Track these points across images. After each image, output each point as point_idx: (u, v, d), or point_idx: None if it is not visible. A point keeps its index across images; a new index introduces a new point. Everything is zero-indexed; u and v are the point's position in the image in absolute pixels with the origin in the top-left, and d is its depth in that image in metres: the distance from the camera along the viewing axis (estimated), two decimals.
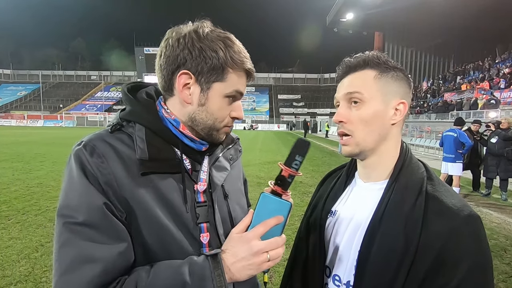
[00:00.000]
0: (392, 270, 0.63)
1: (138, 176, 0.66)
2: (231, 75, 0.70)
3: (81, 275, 0.59)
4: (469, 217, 0.63)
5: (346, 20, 27.57)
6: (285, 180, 0.72)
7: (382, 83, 0.71)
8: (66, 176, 0.66)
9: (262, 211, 0.68)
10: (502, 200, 6.05)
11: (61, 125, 47.19)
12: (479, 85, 20.50)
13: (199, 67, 0.68)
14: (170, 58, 0.69)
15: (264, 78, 70.43)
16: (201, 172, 0.75)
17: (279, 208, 0.68)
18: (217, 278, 0.61)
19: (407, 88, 0.74)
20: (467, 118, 12.12)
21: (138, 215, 0.65)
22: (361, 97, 0.71)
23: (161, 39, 0.72)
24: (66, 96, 62.39)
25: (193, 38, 0.68)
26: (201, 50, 0.67)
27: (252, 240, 0.64)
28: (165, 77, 0.71)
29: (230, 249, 0.65)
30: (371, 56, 0.73)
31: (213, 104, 0.71)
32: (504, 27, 24.57)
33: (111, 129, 0.71)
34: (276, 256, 0.65)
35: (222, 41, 0.69)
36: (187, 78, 0.69)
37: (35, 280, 2.82)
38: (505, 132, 6.05)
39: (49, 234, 3.87)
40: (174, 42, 0.69)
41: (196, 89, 0.70)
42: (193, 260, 0.64)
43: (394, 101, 0.72)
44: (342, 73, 0.76)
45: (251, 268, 0.63)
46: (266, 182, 0.71)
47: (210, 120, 0.72)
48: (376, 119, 0.71)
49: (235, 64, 0.70)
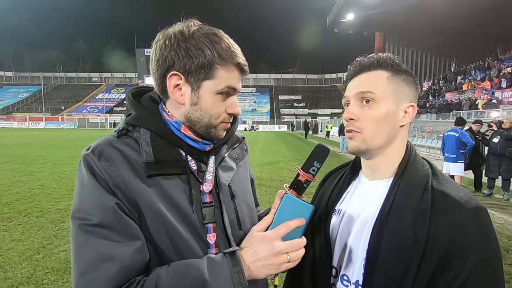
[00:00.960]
0: (402, 265, 0.63)
1: (145, 179, 0.68)
2: (220, 71, 0.70)
3: (100, 273, 0.60)
4: (476, 209, 0.64)
5: (346, 20, 27.59)
6: (302, 185, 0.73)
7: (394, 84, 0.72)
8: (78, 181, 0.68)
9: (284, 211, 0.68)
10: (504, 200, 6.02)
11: (63, 126, 47.40)
12: (480, 85, 20.46)
13: (187, 67, 0.68)
14: (159, 61, 0.70)
15: (264, 79, 70.52)
16: (207, 173, 0.75)
17: (301, 210, 0.68)
18: (236, 275, 0.61)
19: (416, 92, 0.75)
20: (468, 118, 12.10)
21: (147, 216, 0.66)
22: (374, 96, 0.71)
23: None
24: (67, 98, 62.66)
25: (178, 39, 0.68)
26: (187, 50, 0.68)
27: (274, 240, 0.64)
28: (158, 81, 0.73)
29: (250, 247, 0.65)
30: (385, 57, 0.74)
31: (206, 102, 0.71)
32: (505, 26, 24.50)
33: (118, 134, 0.72)
34: (296, 258, 0.65)
35: (208, 38, 0.69)
36: (177, 79, 0.70)
37: (37, 282, 2.82)
38: (507, 132, 6.03)
39: (50, 236, 3.87)
40: (161, 45, 0.70)
41: (187, 89, 0.71)
42: (211, 258, 0.65)
43: (404, 103, 0.73)
44: (354, 72, 0.76)
45: (270, 268, 0.64)
46: (267, 183, 0.71)
47: (205, 118, 0.72)
48: (387, 119, 0.71)
49: (223, 60, 0.69)
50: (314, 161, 0.73)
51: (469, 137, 6.00)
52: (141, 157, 0.68)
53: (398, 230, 0.65)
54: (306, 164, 0.73)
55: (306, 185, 0.73)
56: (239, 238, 0.76)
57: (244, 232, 0.78)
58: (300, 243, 0.66)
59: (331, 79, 67.85)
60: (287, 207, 0.68)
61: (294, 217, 0.67)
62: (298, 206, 0.68)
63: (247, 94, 64.38)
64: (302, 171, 0.73)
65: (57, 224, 4.27)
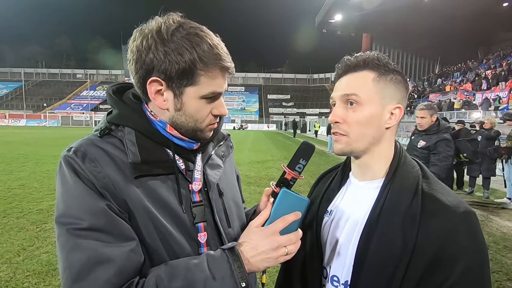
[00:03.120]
0: (390, 268, 0.63)
1: (133, 179, 0.65)
2: (203, 77, 0.66)
3: (96, 277, 0.57)
4: (465, 213, 0.64)
5: (334, 21, 27.95)
6: (288, 182, 0.74)
7: (380, 86, 0.70)
8: (60, 184, 0.64)
9: (281, 206, 0.69)
10: (484, 198, 6.24)
11: (45, 124, 45.88)
12: (462, 86, 21.16)
13: (168, 73, 0.64)
14: (138, 63, 0.66)
15: (254, 78, 70.52)
16: (195, 172, 0.74)
17: (298, 204, 0.69)
18: (237, 270, 0.62)
19: (404, 92, 0.73)
20: (451, 119, 12.48)
21: (137, 217, 0.65)
22: (358, 99, 0.70)
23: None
24: (50, 95, 60.66)
25: (155, 40, 0.63)
26: (166, 54, 0.63)
27: (273, 234, 0.66)
28: (138, 83, 0.69)
29: (250, 242, 0.66)
30: (371, 57, 0.72)
31: (190, 108, 0.68)
32: (485, 31, 25.43)
33: (100, 134, 0.69)
34: (293, 250, 0.67)
35: (188, 40, 0.64)
36: (158, 85, 0.66)
37: (17, 285, 2.72)
38: (488, 132, 6.25)
39: (32, 237, 3.74)
40: (138, 45, 0.65)
41: (169, 95, 0.67)
42: (210, 255, 0.64)
43: (390, 105, 0.71)
44: (341, 72, 0.74)
45: (269, 261, 0.65)
46: (256, 182, 0.71)
47: (190, 122, 0.70)
48: (372, 123, 0.70)
49: (205, 65, 0.65)
50: (300, 158, 0.74)
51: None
52: (127, 158, 0.66)
53: (387, 233, 0.65)
54: (292, 162, 0.74)
55: (293, 183, 0.75)
56: (229, 235, 0.76)
57: (233, 229, 0.78)
58: (297, 235, 0.68)
59: (319, 79, 68.48)
60: (284, 201, 0.69)
61: (291, 211, 0.68)
62: (294, 200, 0.70)
63: (236, 93, 64.17)
64: (288, 169, 0.74)
65: (38, 225, 4.13)
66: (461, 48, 28.97)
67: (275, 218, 0.68)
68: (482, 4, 21.44)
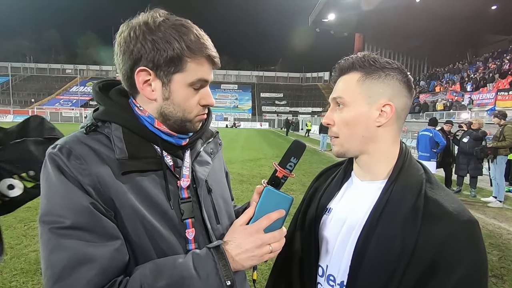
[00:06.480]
0: (388, 271, 0.62)
1: (120, 176, 0.65)
2: (190, 64, 0.67)
3: (78, 277, 0.57)
4: (468, 222, 0.62)
5: (328, 20, 28.05)
6: (279, 180, 0.75)
7: (365, 85, 0.71)
8: (44, 182, 0.63)
9: (265, 204, 0.70)
10: (471, 197, 6.38)
11: None
12: (451, 87, 21.58)
13: (155, 61, 0.65)
14: (125, 55, 0.66)
15: (247, 76, 70.26)
16: (183, 168, 0.74)
17: (281, 202, 0.70)
18: (222, 268, 0.62)
19: (399, 87, 0.71)
20: (440, 119, 12.72)
21: (123, 215, 0.64)
22: (343, 101, 0.72)
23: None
24: (38, 90, 59.21)
25: (143, 30, 0.65)
26: (154, 43, 0.64)
27: (257, 232, 0.67)
28: (125, 76, 0.69)
29: (234, 241, 0.67)
30: (357, 58, 0.73)
31: (178, 96, 0.69)
32: (474, 32, 25.94)
33: (86, 130, 0.68)
34: (277, 248, 0.68)
35: (175, 29, 0.66)
36: (146, 75, 0.67)
37: (4, 284, 2.67)
38: (476, 132, 6.39)
39: (19, 235, 3.67)
40: (126, 37, 0.66)
41: (158, 84, 0.68)
42: (196, 254, 0.64)
43: (379, 102, 0.70)
44: (335, 75, 0.77)
45: (254, 259, 0.66)
46: (248, 180, 0.71)
47: (179, 112, 0.71)
48: (359, 122, 0.71)
49: (193, 52, 0.67)
50: (291, 157, 0.75)
51: (441, 137, 6.30)
52: (114, 154, 0.66)
53: (386, 235, 0.65)
54: (283, 160, 0.75)
55: (284, 181, 0.76)
56: (218, 232, 0.76)
57: (222, 226, 0.78)
58: (281, 233, 0.69)
59: (312, 78, 68.68)
60: (268, 199, 0.70)
61: (275, 209, 0.69)
62: (278, 198, 0.70)
63: (229, 90, 63.88)
64: (279, 167, 0.75)
65: (26, 223, 4.05)
66: (450, 49, 29.54)
67: (259, 216, 0.69)
68: (471, 7, 21.86)
